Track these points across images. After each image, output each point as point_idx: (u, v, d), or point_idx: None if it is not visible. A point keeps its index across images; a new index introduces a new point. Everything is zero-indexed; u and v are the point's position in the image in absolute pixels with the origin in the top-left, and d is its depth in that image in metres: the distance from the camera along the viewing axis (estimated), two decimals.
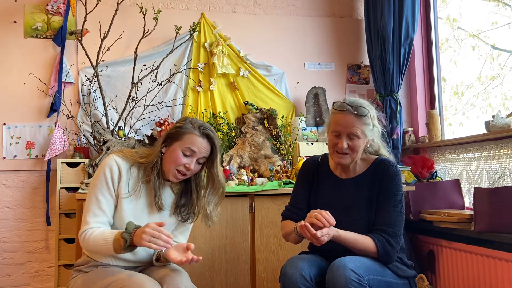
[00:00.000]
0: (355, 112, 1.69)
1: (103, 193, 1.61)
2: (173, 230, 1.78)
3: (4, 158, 2.85)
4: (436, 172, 2.91)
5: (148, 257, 1.72)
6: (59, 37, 2.94)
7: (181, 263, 1.54)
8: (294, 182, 2.45)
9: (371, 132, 1.74)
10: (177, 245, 1.62)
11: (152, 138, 2.80)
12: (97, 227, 1.58)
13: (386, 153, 1.86)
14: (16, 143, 2.88)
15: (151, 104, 2.96)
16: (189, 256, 1.53)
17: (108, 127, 2.83)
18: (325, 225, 1.57)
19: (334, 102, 1.75)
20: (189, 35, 3.14)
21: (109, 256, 1.65)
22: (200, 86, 3.13)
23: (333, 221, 1.58)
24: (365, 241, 1.66)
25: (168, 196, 1.73)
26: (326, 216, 1.58)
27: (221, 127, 3.00)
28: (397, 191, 1.74)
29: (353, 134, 1.69)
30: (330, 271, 1.58)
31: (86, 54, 2.83)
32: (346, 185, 1.81)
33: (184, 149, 1.63)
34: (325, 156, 1.92)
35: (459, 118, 3.09)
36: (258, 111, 3.10)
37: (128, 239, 1.48)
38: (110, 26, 2.87)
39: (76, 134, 2.90)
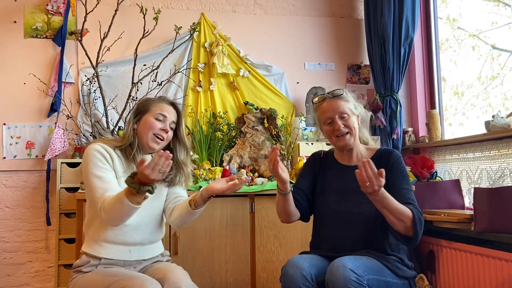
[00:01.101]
0: (333, 95, 1.83)
1: (100, 170, 1.66)
2: (168, 195, 1.86)
3: (4, 158, 2.85)
4: (436, 172, 2.91)
5: (148, 237, 1.76)
6: (59, 37, 2.94)
7: (235, 187, 1.67)
8: (294, 182, 2.48)
9: (355, 108, 1.85)
10: (216, 180, 1.75)
11: None
12: (109, 195, 1.61)
13: (373, 142, 1.99)
14: (16, 143, 2.88)
15: None
16: (238, 180, 1.64)
17: (108, 127, 2.83)
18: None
19: (312, 99, 1.90)
20: (189, 35, 3.14)
21: (113, 244, 1.67)
22: (200, 86, 3.13)
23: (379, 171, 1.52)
24: (403, 208, 1.61)
25: None
26: (373, 167, 1.52)
27: (221, 127, 3.00)
28: (406, 172, 1.81)
29: (342, 113, 1.80)
30: (330, 271, 1.59)
31: (86, 54, 2.83)
32: (352, 171, 1.81)
33: (156, 115, 1.76)
34: (331, 149, 2.00)
35: (459, 118, 3.09)
36: (258, 111, 3.10)
37: (135, 184, 1.48)
38: (110, 26, 2.87)
39: (76, 134, 2.90)
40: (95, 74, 2.84)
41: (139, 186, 1.47)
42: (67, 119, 2.89)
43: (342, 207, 1.78)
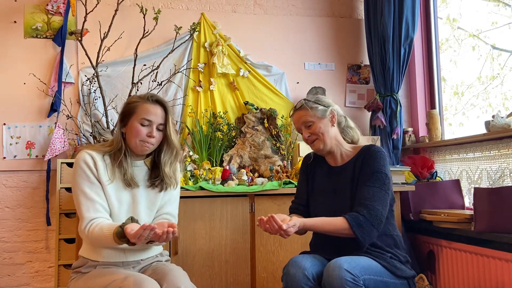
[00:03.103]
0: (295, 109, 1.91)
1: (86, 184, 1.66)
2: (161, 202, 1.82)
3: (4, 158, 2.85)
4: (436, 172, 2.91)
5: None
6: (59, 37, 2.94)
7: (158, 236, 1.51)
8: (294, 182, 2.50)
9: (322, 111, 1.86)
10: (161, 223, 1.63)
11: None
12: (95, 217, 1.63)
13: (366, 142, 1.96)
14: (16, 143, 2.88)
15: None
16: (164, 229, 1.51)
17: (108, 127, 2.83)
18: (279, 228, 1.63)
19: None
20: (189, 35, 3.14)
21: (108, 249, 1.68)
22: (200, 86, 3.13)
23: (281, 224, 1.63)
24: (335, 221, 1.70)
25: (140, 172, 1.79)
26: (278, 221, 1.63)
27: (221, 127, 3.00)
28: (379, 168, 1.77)
29: (305, 122, 1.87)
30: (326, 272, 1.60)
31: (86, 54, 2.83)
32: (335, 172, 1.91)
33: (141, 120, 1.71)
34: None
35: (459, 118, 3.09)
36: (258, 111, 3.10)
37: (124, 239, 1.54)
38: (110, 26, 2.87)
39: (76, 134, 2.90)
40: (95, 74, 2.84)
41: (127, 242, 1.53)
42: (67, 119, 2.89)
43: (329, 206, 1.83)
